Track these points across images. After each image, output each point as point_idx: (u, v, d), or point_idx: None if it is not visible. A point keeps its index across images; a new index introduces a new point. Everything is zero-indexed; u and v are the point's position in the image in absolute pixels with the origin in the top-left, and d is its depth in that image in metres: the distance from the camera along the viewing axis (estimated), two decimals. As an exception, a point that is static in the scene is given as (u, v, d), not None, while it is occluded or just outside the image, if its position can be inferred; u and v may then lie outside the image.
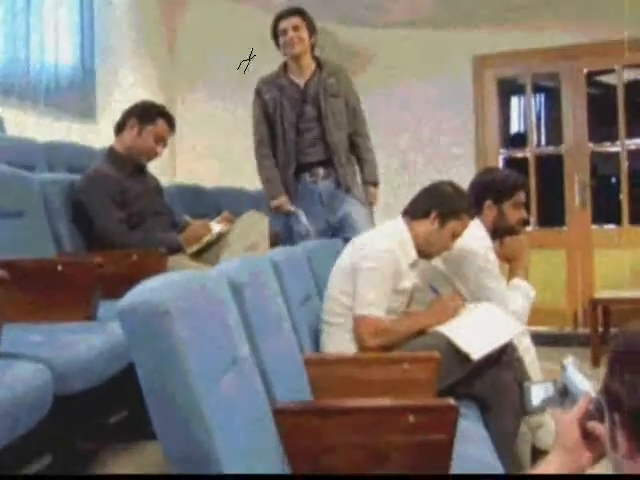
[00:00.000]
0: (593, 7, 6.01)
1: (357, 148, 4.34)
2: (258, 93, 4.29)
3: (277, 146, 4.22)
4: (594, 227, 6.40)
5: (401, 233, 3.02)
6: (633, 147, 6.44)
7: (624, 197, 6.35)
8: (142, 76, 6.30)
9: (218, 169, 6.19)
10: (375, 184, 4.39)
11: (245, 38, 6.30)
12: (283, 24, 4.20)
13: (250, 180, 5.29)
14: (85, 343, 2.19)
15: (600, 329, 5.59)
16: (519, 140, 7.18)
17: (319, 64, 4.27)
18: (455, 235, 3.07)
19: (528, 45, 6.29)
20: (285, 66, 4.29)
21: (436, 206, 3.04)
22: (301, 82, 4.23)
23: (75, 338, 2.22)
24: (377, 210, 4.43)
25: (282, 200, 4.16)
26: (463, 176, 3.80)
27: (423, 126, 6.53)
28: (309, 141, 4.18)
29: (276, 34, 4.25)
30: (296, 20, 4.19)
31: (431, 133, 6.51)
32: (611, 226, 6.50)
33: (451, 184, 3.15)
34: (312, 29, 4.25)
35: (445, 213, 3.03)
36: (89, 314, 2.53)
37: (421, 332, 2.88)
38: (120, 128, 3.56)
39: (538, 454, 3.09)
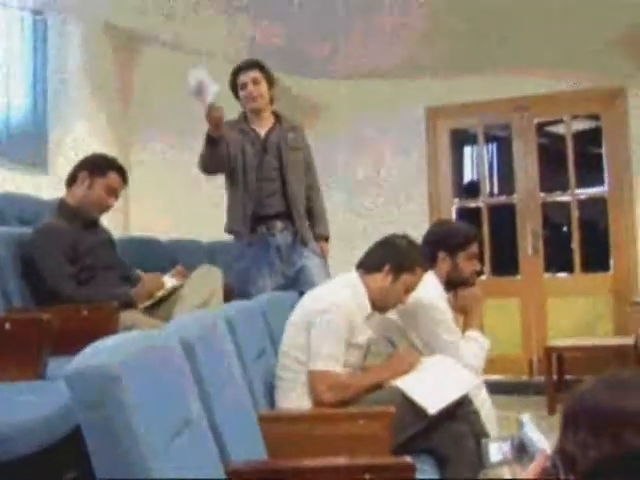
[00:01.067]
0: (542, 59, 6.14)
1: (310, 202, 4.31)
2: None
3: (234, 194, 4.15)
4: (547, 275, 6.48)
5: (355, 286, 3.02)
6: (583, 196, 6.56)
7: (575, 245, 6.44)
8: (95, 127, 6.27)
9: (172, 221, 6.15)
10: (327, 239, 4.38)
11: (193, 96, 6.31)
12: (242, 78, 4.18)
13: (206, 232, 5.28)
14: (32, 404, 2.13)
15: (555, 377, 5.62)
16: (472, 189, 7.27)
17: (277, 117, 4.27)
18: (409, 289, 3.08)
19: (480, 96, 6.40)
20: (244, 116, 4.27)
21: (389, 260, 3.05)
22: (262, 132, 4.20)
23: (21, 399, 2.16)
24: (330, 261, 4.42)
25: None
26: (417, 227, 3.83)
27: (376, 176, 6.59)
28: (268, 192, 4.12)
29: (235, 86, 4.22)
30: (255, 74, 4.17)
31: (384, 183, 6.57)
32: (563, 274, 6.58)
33: (405, 237, 3.16)
34: (271, 82, 4.24)
35: (398, 267, 3.03)
36: (38, 373, 2.47)
37: (378, 386, 2.86)
38: (71, 181, 3.52)
39: (496, 508, 3.07)
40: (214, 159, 4.00)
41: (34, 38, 5.58)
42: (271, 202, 4.13)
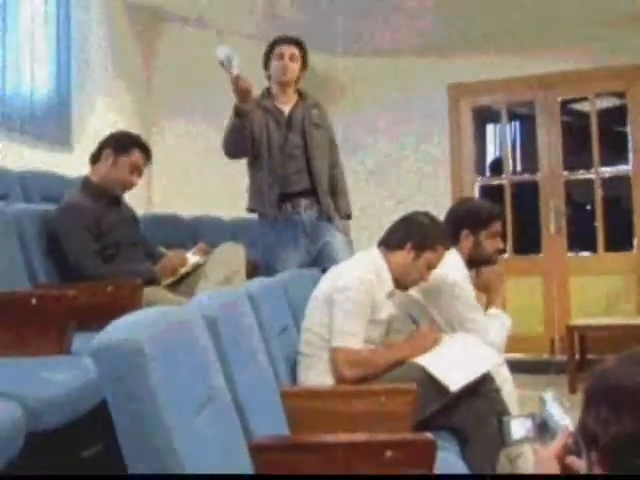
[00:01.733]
0: (566, 36, 6.08)
1: (333, 180, 4.29)
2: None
3: (259, 172, 4.12)
4: (570, 254, 6.45)
5: (377, 263, 3.02)
6: (607, 175, 6.51)
7: (599, 224, 6.40)
8: (118, 105, 6.30)
9: (195, 198, 6.18)
10: (349, 216, 4.38)
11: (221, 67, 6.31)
12: (282, 48, 4.15)
13: (227, 209, 5.29)
14: (58, 379, 2.16)
15: (577, 356, 5.60)
16: (495, 167, 7.23)
17: (301, 95, 4.26)
18: (431, 266, 3.07)
19: (503, 74, 6.36)
20: (268, 92, 4.25)
21: (411, 237, 3.04)
22: (286, 109, 4.18)
23: (48, 374, 2.19)
24: (352, 239, 4.42)
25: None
26: (440, 206, 3.81)
27: (399, 155, 6.56)
28: (293, 169, 4.10)
29: (268, 56, 4.19)
30: (295, 50, 4.15)
31: (407, 162, 6.55)
32: (586, 253, 6.54)
33: (427, 215, 3.15)
34: (305, 64, 4.23)
35: (420, 244, 3.03)
36: (63, 348, 2.50)
37: (399, 363, 2.87)
38: (95, 159, 3.54)
39: (517, 485, 3.08)
40: (239, 138, 3.97)
41: (57, 16, 5.59)
42: (296, 179, 4.11)
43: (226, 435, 1.79)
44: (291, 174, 4.09)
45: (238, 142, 4.00)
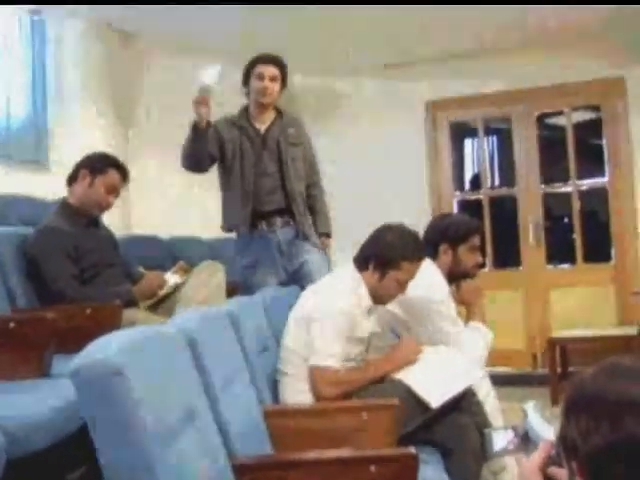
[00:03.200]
0: (542, 51, 6.14)
1: (312, 199, 4.27)
2: (215, 129, 4.04)
3: (232, 192, 4.11)
4: (549, 267, 6.48)
5: (354, 280, 3.01)
6: (584, 187, 6.56)
7: (577, 236, 6.44)
8: (95, 127, 6.26)
9: (173, 219, 6.16)
10: (329, 235, 4.36)
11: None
12: (261, 68, 4.10)
13: (206, 229, 5.27)
14: (39, 402, 2.15)
15: (558, 368, 5.62)
16: (473, 182, 7.28)
17: (279, 112, 4.26)
18: (400, 283, 3.04)
19: (480, 89, 6.41)
20: (246, 110, 4.25)
21: (373, 258, 3.01)
22: (262, 128, 4.16)
23: (28, 397, 2.17)
24: (332, 255, 4.42)
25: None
26: (418, 220, 3.82)
27: (378, 171, 6.58)
28: (268, 189, 4.08)
29: (249, 73, 4.15)
30: (275, 71, 4.11)
31: (385, 177, 6.56)
32: (565, 265, 6.59)
33: (392, 229, 3.10)
34: (284, 84, 4.23)
35: (383, 264, 2.99)
36: (43, 371, 2.49)
37: (380, 380, 2.86)
38: (72, 180, 3.52)
39: (501, 498, 3.08)
40: (194, 154, 3.95)
41: (32, 39, 5.58)
42: (271, 198, 4.10)
43: (208, 455, 1.78)
44: (265, 193, 4.08)
45: (191, 157, 3.98)
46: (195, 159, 4.00)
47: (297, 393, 2.83)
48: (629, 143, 6.17)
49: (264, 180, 4.08)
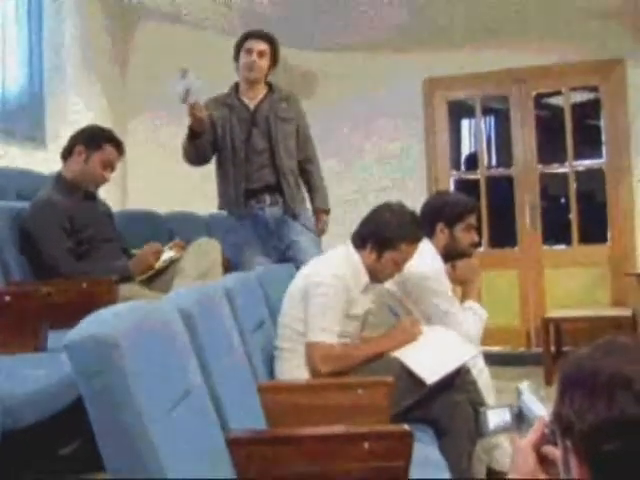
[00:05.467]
0: (540, 31, 6.11)
1: (307, 175, 4.27)
2: (206, 110, 4.06)
3: (223, 170, 4.14)
4: (545, 247, 6.48)
5: (352, 258, 3.01)
6: (581, 168, 6.55)
7: (573, 217, 6.44)
8: (92, 100, 6.24)
9: (170, 194, 6.15)
10: (326, 211, 4.35)
11: (197, 62, 6.29)
12: (250, 44, 4.12)
13: (203, 205, 5.26)
14: (34, 376, 2.15)
15: (552, 348, 5.64)
16: (470, 161, 7.26)
17: (271, 88, 4.24)
18: (398, 262, 3.03)
19: (477, 68, 6.37)
20: (236, 87, 4.24)
21: (371, 238, 3.00)
22: (251, 104, 4.16)
23: (23, 371, 2.17)
24: (327, 233, 4.41)
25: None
26: (415, 198, 3.81)
27: (374, 149, 6.56)
28: (257, 165, 4.08)
29: (239, 49, 4.17)
30: (264, 46, 4.12)
31: (382, 155, 6.55)
32: (561, 246, 6.59)
33: (392, 209, 3.07)
34: (275, 60, 4.20)
35: (380, 245, 2.98)
36: (38, 345, 2.49)
37: (376, 357, 2.87)
38: (67, 154, 3.50)
39: (494, 475, 3.10)
40: (197, 152, 4.06)
41: (29, 11, 5.53)
42: (260, 175, 4.10)
43: (203, 429, 1.78)
44: (255, 170, 4.08)
45: (195, 154, 4.08)
46: (197, 157, 4.10)
47: (293, 369, 2.84)
48: (627, 125, 6.15)
49: (254, 157, 4.08)
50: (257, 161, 4.08)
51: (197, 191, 5.73)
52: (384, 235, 2.99)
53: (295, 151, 4.19)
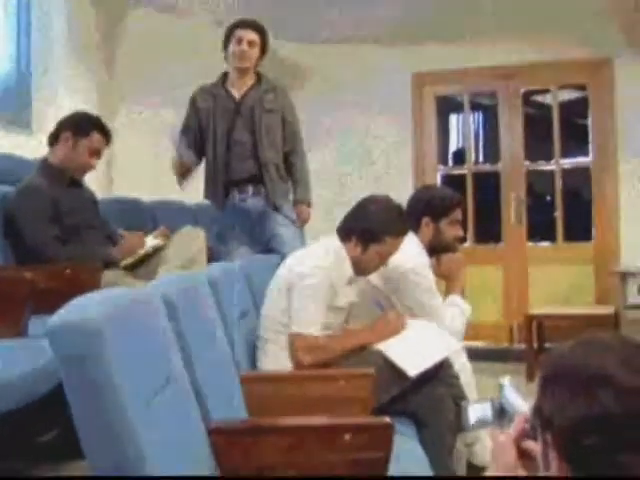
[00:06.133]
0: (530, 28, 6.12)
1: (292, 167, 4.24)
2: (193, 101, 4.20)
3: (207, 160, 4.15)
4: (529, 244, 6.50)
5: (336, 250, 3.00)
6: (567, 166, 6.57)
7: (558, 215, 6.46)
8: (80, 86, 6.21)
9: (156, 182, 6.12)
10: (307, 204, 4.31)
11: (185, 50, 6.27)
12: (241, 32, 4.11)
13: (189, 194, 5.24)
14: (13, 361, 2.14)
15: (535, 344, 5.66)
16: (457, 157, 7.27)
17: (259, 79, 4.23)
18: (382, 256, 3.04)
19: (466, 64, 6.37)
20: (224, 76, 4.23)
21: (356, 231, 3.00)
22: (237, 94, 4.15)
23: (3, 356, 2.16)
24: (312, 226, 4.40)
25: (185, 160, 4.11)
26: (401, 193, 3.81)
27: (362, 142, 6.56)
28: (239, 156, 4.08)
29: (228, 38, 4.15)
30: (253, 35, 4.11)
31: (370, 149, 6.54)
32: (546, 243, 6.61)
33: (377, 202, 3.08)
34: (264, 50, 4.19)
35: (365, 238, 2.99)
36: (20, 331, 2.47)
37: (360, 349, 2.87)
38: (54, 140, 3.48)
39: (474, 470, 3.12)
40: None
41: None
42: (242, 167, 4.10)
43: (184, 418, 1.78)
44: (237, 161, 4.09)
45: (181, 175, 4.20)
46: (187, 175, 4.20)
47: (276, 359, 2.84)
48: (614, 124, 6.17)
49: (236, 148, 4.09)
50: (239, 152, 4.08)
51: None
52: (369, 228, 2.99)
53: (280, 143, 4.17)
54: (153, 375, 1.63)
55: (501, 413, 1.58)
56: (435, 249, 3.47)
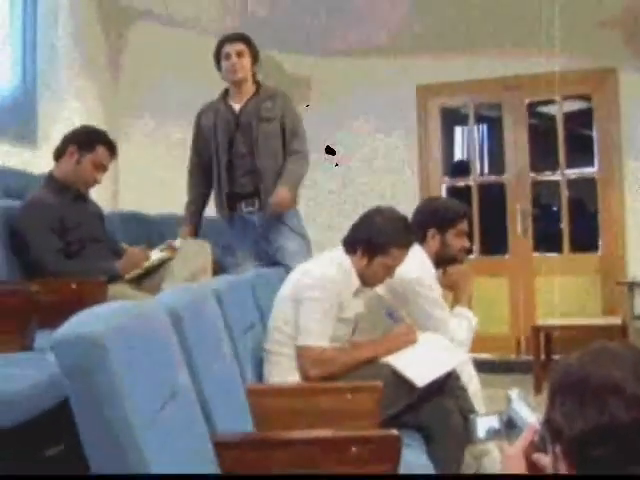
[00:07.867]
0: (534, 39, 6.12)
1: (283, 170, 4.12)
2: (197, 120, 4.29)
3: (213, 174, 4.19)
4: (536, 255, 6.49)
5: (343, 262, 3.00)
6: (573, 176, 6.57)
7: (565, 225, 6.45)
8: (85, 101, 6.23)
9: (162, 196, 6.12)
10: (286, 188, 4.06)
11: (191, 65, 6.29)
12: (227, 48, 4.15)
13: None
14: (19, 375, 2.13)
15: (542, 356, 5.64)
16: (462, 168, 7.26)
17: (258, 88, 4.24)
18: (388, 268, 3.03)
19: (471, 75, 6.38)
20: (226, 92, 4.26)
21: (362, 242, 3.00)
22: (237, 107, 4.18)
23: (9, 370, 2.15)
24: (317, 239, 4.39)
25: (183, 230, 4.25)
26: (407, 205, 3.81)
27: (367, 154, 6.56)
28: (242, 170, 4.12)
29: (219, 57, 4.20)
30: (240, 46, 4.15)
31: (375, 161, 6.55)
32: (552, 254, 6.60)
33: (383, 213, 3.08)
34: (255, 56, 4.22)
35: (371, 249, 2.98)
36: (25, 344, 2.46)
37: (367, 362, 2.86)
38: (59, 154, 3.49)
39: (482, 482, 3.09)
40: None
41: (24, 11, 5.51)
42: (245, 181, 4.14)
43: (190, 431, 1.77)
44: (240, 175, 4.11)
45: None
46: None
47: (283, 372, 2.83)
48: (619, 134, 6.17)
49: (237, 162, 4.11)
50: (241, 165, 4.11)
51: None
52: (375, 240, 2.98)
53: (281, 150, 4.16)
54: (159, 388, 1.62)
55: (509, 425, 1.57)
56: (441, 261, 3.47)
